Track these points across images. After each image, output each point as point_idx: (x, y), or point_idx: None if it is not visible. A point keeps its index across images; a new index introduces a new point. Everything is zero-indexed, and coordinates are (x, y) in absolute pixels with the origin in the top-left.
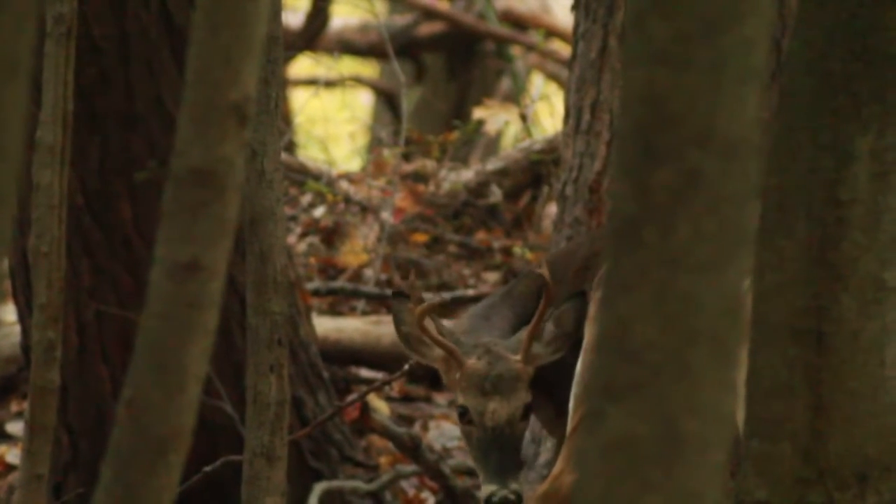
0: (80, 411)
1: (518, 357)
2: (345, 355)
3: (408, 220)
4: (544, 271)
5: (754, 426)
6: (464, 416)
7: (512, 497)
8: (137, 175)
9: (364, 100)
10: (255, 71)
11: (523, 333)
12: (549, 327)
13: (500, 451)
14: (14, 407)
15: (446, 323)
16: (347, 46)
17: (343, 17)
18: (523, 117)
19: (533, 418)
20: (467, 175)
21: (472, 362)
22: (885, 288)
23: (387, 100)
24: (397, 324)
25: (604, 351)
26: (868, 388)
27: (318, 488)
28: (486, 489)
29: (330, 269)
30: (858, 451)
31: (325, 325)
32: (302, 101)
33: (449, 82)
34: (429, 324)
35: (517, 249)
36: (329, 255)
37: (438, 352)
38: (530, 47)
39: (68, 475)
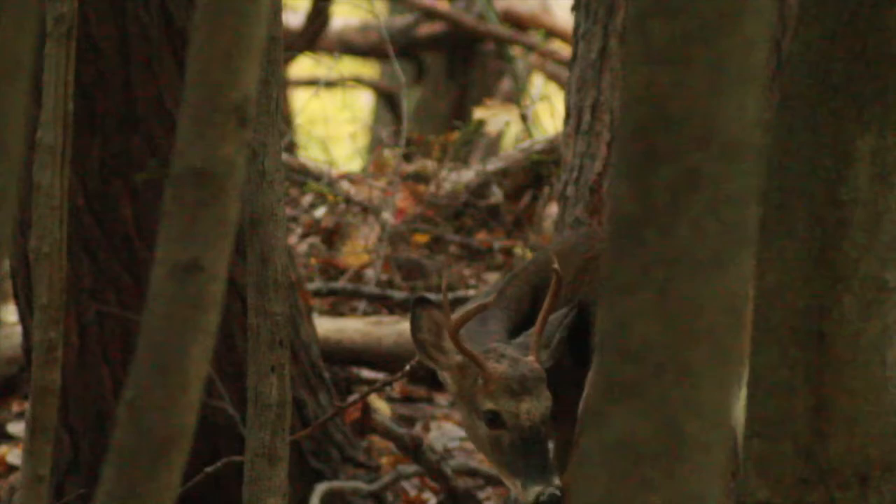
0: (81, 412)
1: (532, 358)
2: (346, 356)
3: (408, 220)
4: (555, 263)
5: (755, 426)
6: (494, 421)
7: (558, 493)
8: (138, 175)
9: (365, 100)
10: (256, 71)
11: (526, 338)
12: (558, 336)
13: (537, 450)
14: (15, 407)
15: None
16: (348, 47)
17: (343, 17)
18: (524, 118)
19: None
20: (468, 175)
21: (495, 366)
22: (887, 288)
23: (387, 100)
24: (415, 330)
25: (605, 351)
26: (869, 389)
27: (320, 489)
28: (532, 490)
29: (331, 270)
30: (860, 451)
31: (325, 326)
32: (302, 102)
33: (449, 83)
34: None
35: (518, 250)
36: (330, 255)
37: (454, 360)
38: (531, 48)
39: (69, 476)
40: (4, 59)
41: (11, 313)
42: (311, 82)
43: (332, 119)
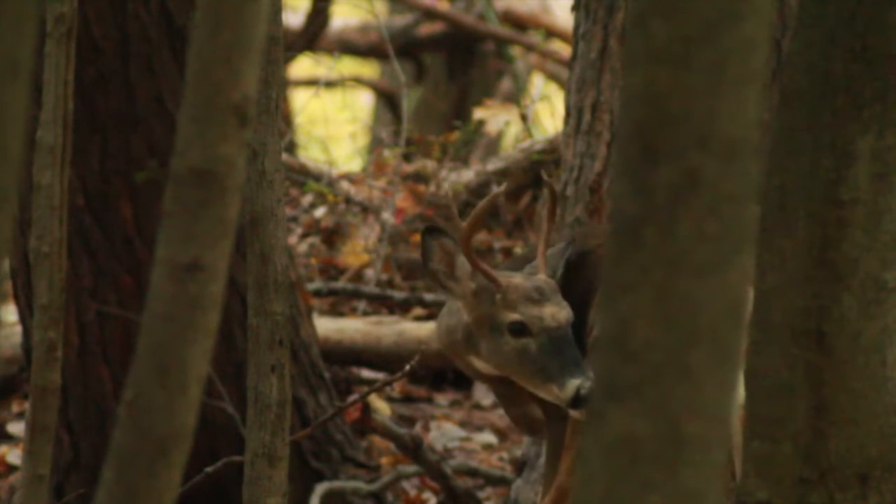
0: (81, 412)
1: (542, 276)
2: (346, 356)
3: (408, 220)
4: (551, 182)
5: (755, 426)
6: (519, 331)
7: None
8: (138, 175)
9: (364, 100)
10: (256, 71)
11: (531, 268)
12: (560, 270)
13: (568, 350)
14: (15, 407)
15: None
16: (348, 47)
17: (343, 17)
18: (524, 117)
19: None
20: (468, 175)
21: (510, 280)
22: (886, 288)
23: (387, 100)
24: (426, 259)
25: (605, 351)
26: (869, 388)
27: (320, 489)
28: (571, 384)
29: (331, 270)
30: (860, 451)
31: (326, 326)
32: (302, 102)
33: (449, 82)
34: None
35: (518, 250)
36: (330, 255)
37: (468, 287)
38: (530, 48)
39: (69, 476)
40: (4, 59)
41: (11, 313)
42: (311, 82)
43: (332, 119)
